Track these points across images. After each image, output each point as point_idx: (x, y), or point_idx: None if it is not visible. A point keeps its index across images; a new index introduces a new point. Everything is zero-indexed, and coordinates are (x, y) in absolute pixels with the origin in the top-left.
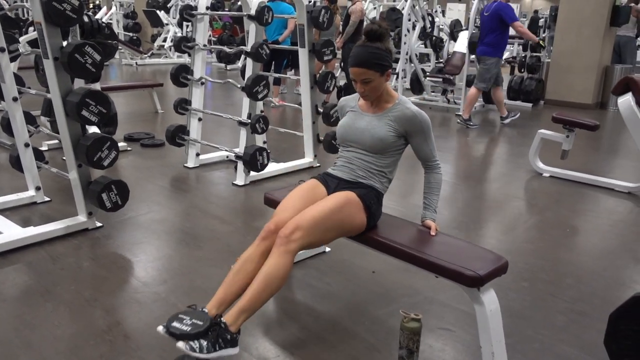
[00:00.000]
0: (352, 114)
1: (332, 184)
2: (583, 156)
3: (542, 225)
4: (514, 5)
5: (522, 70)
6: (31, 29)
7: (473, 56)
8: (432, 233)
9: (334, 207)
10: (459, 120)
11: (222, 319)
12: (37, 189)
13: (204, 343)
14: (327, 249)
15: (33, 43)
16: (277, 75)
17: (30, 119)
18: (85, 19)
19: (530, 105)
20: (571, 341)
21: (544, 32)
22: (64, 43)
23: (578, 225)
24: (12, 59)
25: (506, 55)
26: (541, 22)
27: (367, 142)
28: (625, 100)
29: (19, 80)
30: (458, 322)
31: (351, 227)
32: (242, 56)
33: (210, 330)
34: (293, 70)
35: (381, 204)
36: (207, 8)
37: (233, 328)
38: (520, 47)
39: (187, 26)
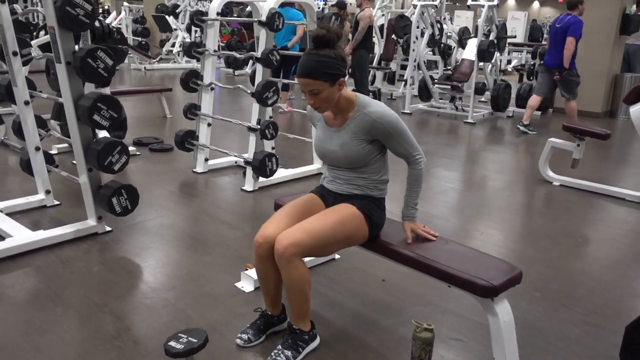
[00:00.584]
0: (320, 129)
1: (330, 197)
2: (593, 165)
3: (553, 234)
4: (521, 13)
5: (531, 78)
6: (42, 33)
7: (482, 63)
8: (408, 241)
9: (333, 222)
10: (519, 126)
11: (294, 326)
12: (47, 192)
13: (288, 353)
14: (337, 256)
15: (44, 47)
16: (285, 81)
17: (41, 123)
18: (97, 23)
19: (539, 113)
20: (585, 353)
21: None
22: (76, 47)
23: (589, 234)
24: (25, 63)
25: (514, 62)
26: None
27: (342, 163)
28: (638, 109)
29: (31, 84)
30: (470, 333)
31: (353, 240)
32: (251, 62)
33: (289, 339)
34: None
35: (384, 208)
36: (218, 14)
37: (306, 328)
38: (529, 55)
39: (196, 31)
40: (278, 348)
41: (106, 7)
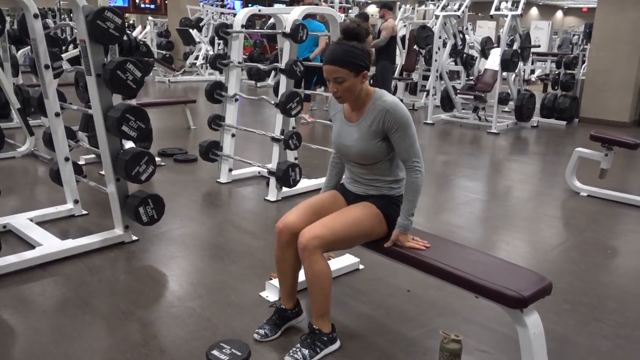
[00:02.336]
0: (338, 122)
1: (351, 197)
2: (622, 175)
3: (582, 246)
4: (544, 23)
5: (556, 88)
6: (71, 47)
7: (505, 73)
8: (387, 244)
9: (352, 219)
10: None
11: (314, 326)
12: (76, 202)
13: (305, 352)
14: (361, 267)
15: (72, 61)
16: (308, 92)
17: (70, 134)
18: (124, 37)
19: (564, 123)
20: None
21: (577, 49)
22: (105, 60)
23: (618, 246)
24: (55, 76)
25: (538, 72)
26: (574, 39)
27: (355, 157)
28: None
29: (61, 96)
30: (498, 345)
31: (372, 236)
32: (274, 73)
33: (308, 338)
34: (323, 87)
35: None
36: (243, 26)
37: (326, 329)
38: (554, 64)
39: (219, 44)
40: (297, 346)
41: (131, 22)
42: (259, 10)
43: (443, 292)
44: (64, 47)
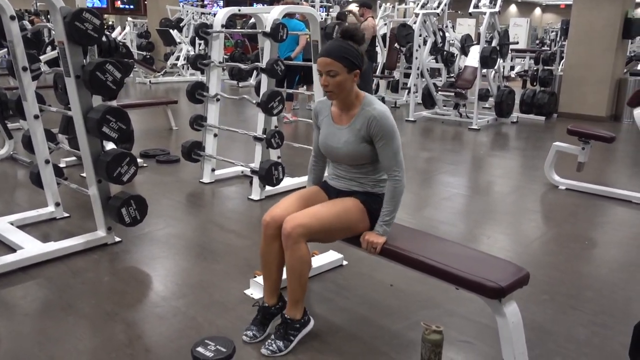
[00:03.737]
0: (326, 125)
1: (333, 193)
2: (599, 168)
3: (560, 238)
4: (523, 19)
5: (535, 84)
6: (49, 49)
7: (485, 70)
8: (363, 245)
9: (336, 211)
10: None
11: (286, 315)
12: (57, 205)
13: (280, 343)
14: (345, 262)
15: (51, 63)
16: (289, 90)
17: (50, 136)
18: (103, 38)
19: (543, 118)
20: (594, 354)
21: (555, 45)
22: (84, 62)
23: (596, 237)
24: (34, 78)
25: (517, 68)
26: (552, 35)
27: (344, 159)
28: None
29: (40, 99)
30: (479, 335)
31: (355, 230)
32: (255, 73)
33: (281, 329)
34: (305, 87)
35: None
36: (223, 26)
37: (298, 316)
38: (532, 60)
39: (200, 44)
40: (271, 338)
41: (110, 23)
42: (239, 10)
43: (425, 286)
44: (42, 50)
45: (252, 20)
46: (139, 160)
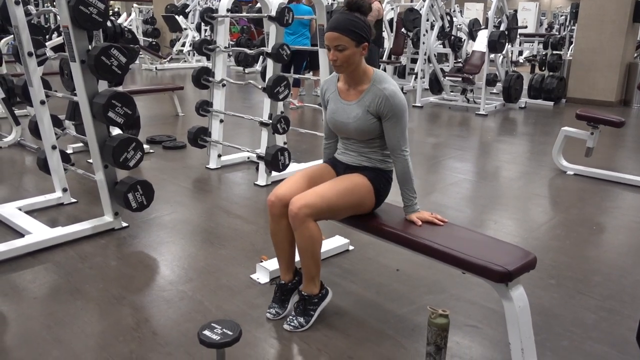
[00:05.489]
0: (333, 102)
1: (341, 168)
2: (608, 153)
3: (568, 223)
4: (532, 4)
5: (543, 69)
6: (55, 35)
7: (492, 55)
8: (418, 224)
9: (343, 189)
10: None
11: (303, 292)
12: (64, 190)
13: (301, 319)
14: (351, 247)
15: (57, 49)
16: (296, 76)
17: (57, 122)
18: (108, 23)
19: (551, 103)
20: (601, 338)
21: (564, 29)
22: (90, 47)
23: (604, 222)
24: (40, 63)
25: (526, 53)
26: (561, 19)
27: (353, 134)
28: None
29: (46, 84)
30: (485, 320)
31: (361, 207)
32: (261, 58)
33: (300, 305)
34: (311, 72)
35: (391, 181)
36: (228, 10)
37: (315, 291)
38: (541, 45)
39: (205, 30)
40: (292, 314)
41: (116, 9)
42: None
43: (432, 270)
44: (47, 36)
45: (258, 5)
46: (145, 146)
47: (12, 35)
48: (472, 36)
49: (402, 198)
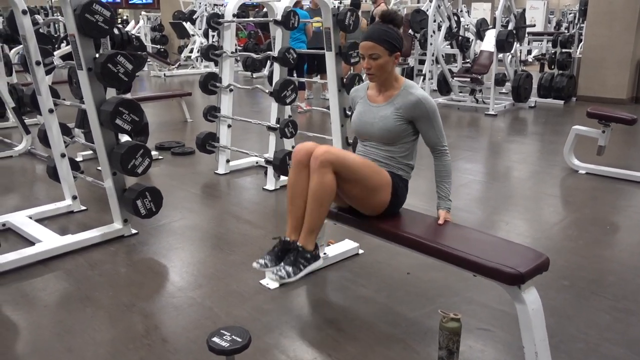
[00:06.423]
0: (361, 105)
1: None
2: (620, 151)
3: (581, 222)
4: (540, 2)
5: (553, 67)
6: (63, 44)
7: (501, 54)
8: (440, 222)
9: (368, 165)
10: None
11: (298, 243)
12: (74, 198)
13: (289, 269)
14: (361, 251)
15: (65, 58)
16: (302, 79)
17: (65, 130)
18: (116, 31)
19: (562, 102)
20: (617, 340)
21: (573, 27)
22: (96, 54)
23: (618, 221)
24: (48, 72)
25: (535, 52)
26: (570, 17)
27: (376, 133)
28: None
29: (54, 93)
30: (498, 323)
31: (374, 194)
32: (268, 63)
33: (291, 255)
34: (319, 76)
35: (407, 189)
36: (234, 15)
37: (310, 247)
38: (550, 43)
39: (213, 36)
40: (281, 265)
41: (125, 17)
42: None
43: (443, 273)
44: (56, 45)
45: (265, 10)
46: (154, 152)
47: (21, 46)
48: (480, 36)
49: (439, 191)
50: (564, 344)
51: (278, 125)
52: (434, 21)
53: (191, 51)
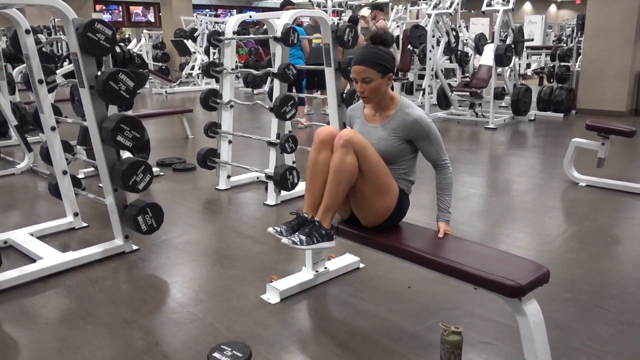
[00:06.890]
0: (358, 125)
1: None
2: (620, 164)
3: (582, 235)
4: (538, 17)
5: (552, 81)
6: (66, 63)
7: (500, 69)
8: (440, 234)
9: (382, 165)
10: None
11: (315, 218)
12: (75, 215)
13: (303, 237)
14: (362, 265)
15: (67, 76)
16: (302, 95)
17: (67, 147)
18: (117, 49)
19: (561, 115)
20: (620, 353)
21: (571, 41)
22: (99, 72)
23: (619, 234)
24: (50, 90)
25: (534, 66)
26: (568, 30)
27: None
28: None
29: (57, 111)
30: (499, 336)
31: (382, 195)
32: (269, 79)
33: (307, 227)
34: (319, 91)
35: (408, 202)
36: (234, 32)
37: (326, 224)
38: (548, 57)
39: (214, 53)
40: (296, 233)
41: (127, 36)
42: (250, 17)
43: (444, 287)
44: (59, 64)
45: (265, 27)
46: (155, 169)
47: (25, 64)
48: (479, 50)
49: (439, 204)
50: (567, 357)
51: (278, 141)
52: (433, 36)
53: (192, 68)
